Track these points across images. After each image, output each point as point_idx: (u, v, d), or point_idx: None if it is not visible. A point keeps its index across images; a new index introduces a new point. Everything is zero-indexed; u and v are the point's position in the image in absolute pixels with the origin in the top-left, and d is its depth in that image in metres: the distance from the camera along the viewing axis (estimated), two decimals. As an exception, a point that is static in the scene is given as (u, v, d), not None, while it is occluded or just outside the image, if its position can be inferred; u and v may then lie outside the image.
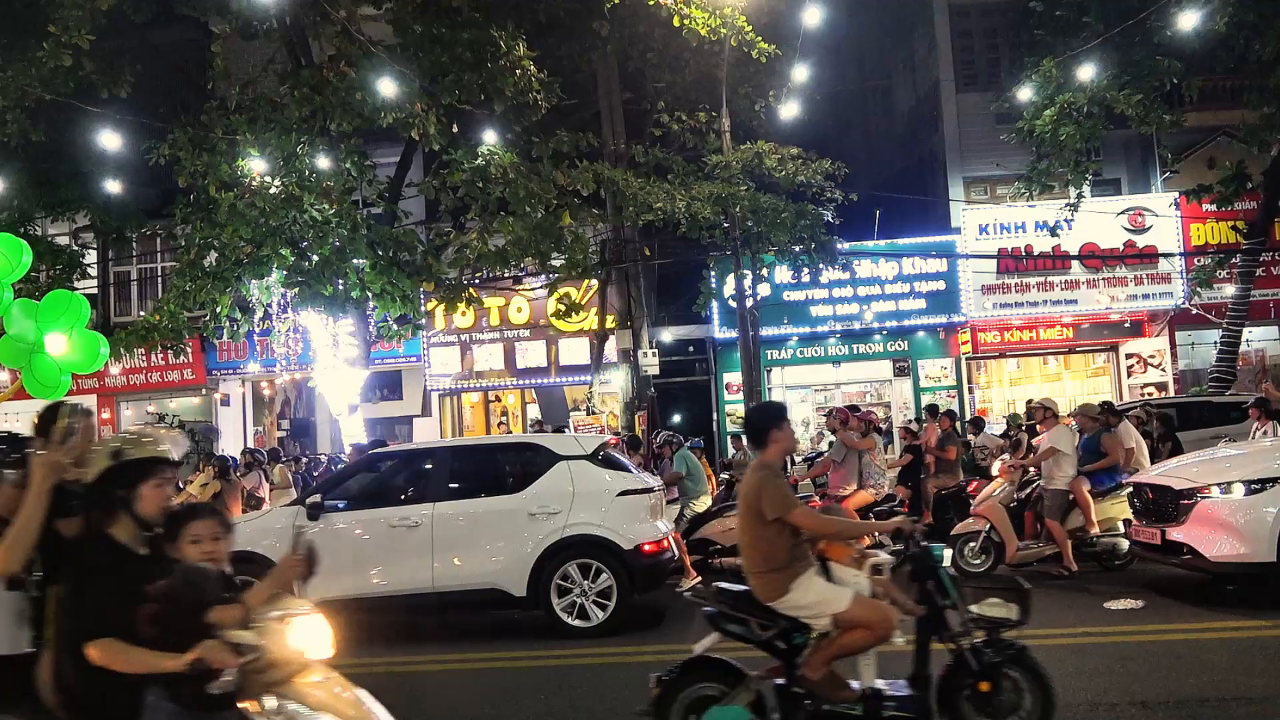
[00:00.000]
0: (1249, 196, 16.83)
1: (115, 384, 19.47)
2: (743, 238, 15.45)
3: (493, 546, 8.27)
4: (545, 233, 12.95)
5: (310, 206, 12.03)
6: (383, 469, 9.49)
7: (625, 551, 8.20)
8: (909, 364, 19.27)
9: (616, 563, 8.20)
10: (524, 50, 12.40)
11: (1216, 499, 7.69)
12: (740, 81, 16.38)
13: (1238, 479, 7.75)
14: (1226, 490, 7.70)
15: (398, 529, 8.32)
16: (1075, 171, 16.21)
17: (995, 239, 18.49)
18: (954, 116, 19.92)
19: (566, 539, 8.24)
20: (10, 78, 11.99)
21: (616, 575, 8.17)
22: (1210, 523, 7.65)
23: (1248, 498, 7.56)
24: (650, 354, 17.15)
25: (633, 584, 8.26)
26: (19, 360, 7.16)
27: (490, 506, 8.46)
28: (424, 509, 8.38)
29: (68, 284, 15.57)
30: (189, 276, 12.77)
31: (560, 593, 8.21)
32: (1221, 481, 7.78)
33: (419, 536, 8.26)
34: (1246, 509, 7.51)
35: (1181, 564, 8.02)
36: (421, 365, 19.35)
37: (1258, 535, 7.37)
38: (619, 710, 5.90)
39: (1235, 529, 7.49)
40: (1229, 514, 7.58)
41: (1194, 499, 7.79)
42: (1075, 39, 15.35)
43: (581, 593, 8.21)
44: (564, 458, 8.59)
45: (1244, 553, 7.45)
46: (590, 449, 8.78)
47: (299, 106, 12.12)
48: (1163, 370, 18.69)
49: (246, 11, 12.70)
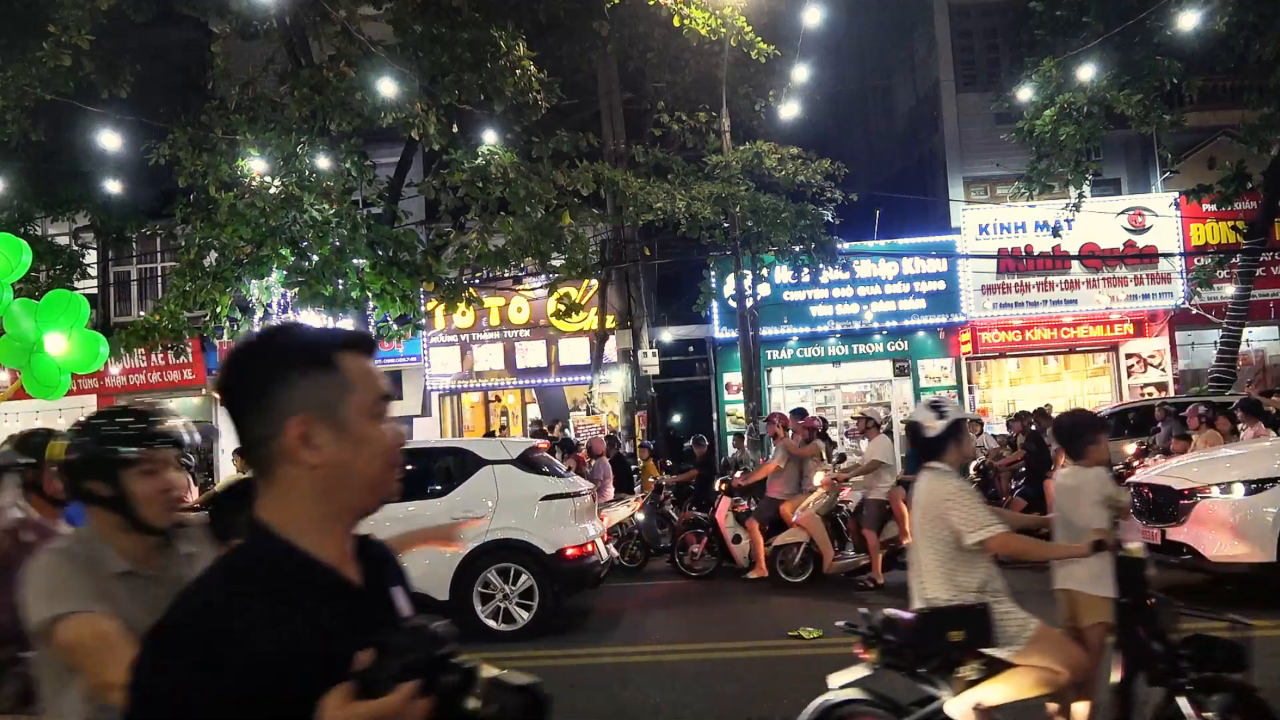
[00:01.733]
0: (1249, 196, 16.84)
1: (115, 384, 19.46)
2: (743, 238, 15.45)
3: (416, 551, 8.27)
4: (545, 233, 12.95)
5: (310, 206, 12.03)
6: None
7: (547, 556, 8.30)
8: (909, 364, 19.27)
9: (539, 567, 8.28)
10: (524, 50, 12.40)
11: (1216, 499, 7.69)
12: (740, 81, 16.38)
13: (1238, 479, 7.75)
14: (1226, 490, 7.70)
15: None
16: (1075, 171, 16.22)
17: (995, 239, 18.50)
18: (954, 116, 19.92)
19: (489, 543, 8.30)
20: (10, 78, 11.99)
21: (539, 579, 8.27)
22: (1210, 523, 7.66)
23: (1248, 498, 7.57)
24: (650, 354, 17.15)
25: (555, 587, 8.36)
26: (19, 360, 7.17)
27: (414, 511, 8.43)
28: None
29: (68, 284, 15.56)
30: (189, 276, 12.77)
31: (484, 599, 8.30)
32: (1222, 481, 7.79)
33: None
34: (1246, 509, 7.52)
35: (1181, 564, 8.03)
36: (421, 365, 19.35)
37: (1258, 535, 7.38)
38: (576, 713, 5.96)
39: (1235, 529, 7.50)
40: (1229, 514, 7.59)
41: (1194, 499, 7.79)
42: (1075, 39, 15.35)
43: (504, 597, 8.28)
44: (489, 462, 8.65)
45: (1244, 553, 7.45)
46: (516, 453, 8.85)
47: (299, 106, 12.12)
48: (1163, 370, 18.69)
49: (246, 11, 12.70)
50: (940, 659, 3.78)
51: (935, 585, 3.92)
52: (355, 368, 1.35)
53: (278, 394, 1.30)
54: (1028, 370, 20.50)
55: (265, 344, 1.37)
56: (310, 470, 1.30)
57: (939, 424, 4.02)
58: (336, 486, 1.31)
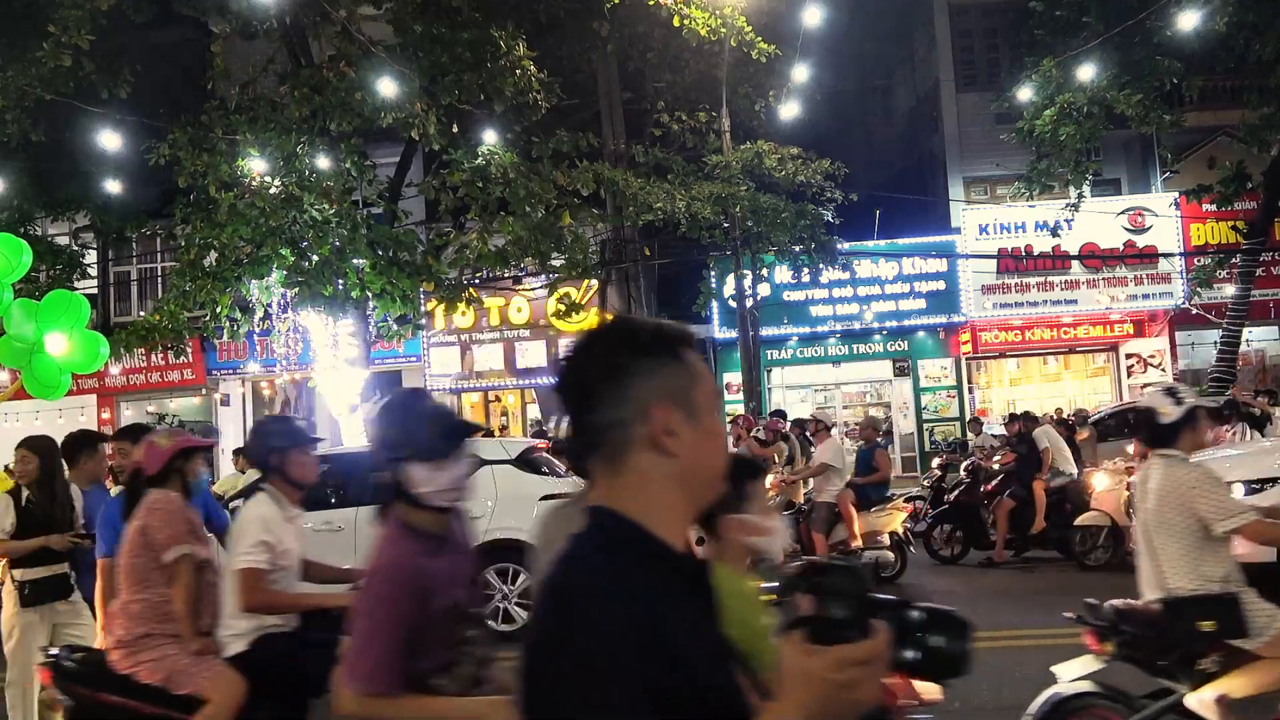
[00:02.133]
0: (1249, 196, 16.83)
1: (115, 384, 19.47)
2: (743, 238, 15.46)
3: None
4: (545, 233, 12.94)
5: (310, 206, 12.02)
6: None
7: None
8: (909, 364, 19.28)
9: None
10: (524, 50, 12.40)
11: None
12: (740, 81, 16.38)
13: (1238, 479, 7.76)
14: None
15: (320, 533, 8.26)
16: (1075, 171, 16.22)
17: (995, 239, 18.50)
18: (954, 116, 19.93)
19: (488, 543, 8.23)
20: (10, 78, 11.98)
21: None
22: None
23: (1248, 498, 7.57)
24: (650, 354, 17.14)
25: None
26: (19, 360, 7.17)
27: None
28: (347, 513, 8.38)
29: (68, 284, 15.56)
30: (189, 276, 12.76)
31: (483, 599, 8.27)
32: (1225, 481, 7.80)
33: (342, 541, 8.23)
34: None
35: None
36: (421, 365, 19.36)
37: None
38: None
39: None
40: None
41: None
42: (1075, 39, 15.34)
43: (504, 597, 8.27)
44: (488, 462, 8.58)
45: (1243, 553, 7.44)
46: (515, 453, 8.82)
47: (299, 106, 12.11)
48: (1163, 370, 18.69)
49: (246, 11, 12.69)
50: (1183, 651, 3.69)
51: (1178, 576, 3.79)
52: (694, 361, 1.35)
53: (638, 380, 1.28)
54: (1028, 370, 20.50)
55: (621, 331, 1.38)
56: (668, 459, 1.28)
57: (1176, 410, 3.90)
58: (689, 477, 1.30)
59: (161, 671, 3.62)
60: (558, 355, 11.22)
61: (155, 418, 20.61)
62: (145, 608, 3.69)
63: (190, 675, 3.59)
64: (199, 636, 3.69)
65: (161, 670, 3.62)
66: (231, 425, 20.16)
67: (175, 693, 3.58)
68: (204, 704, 3.53)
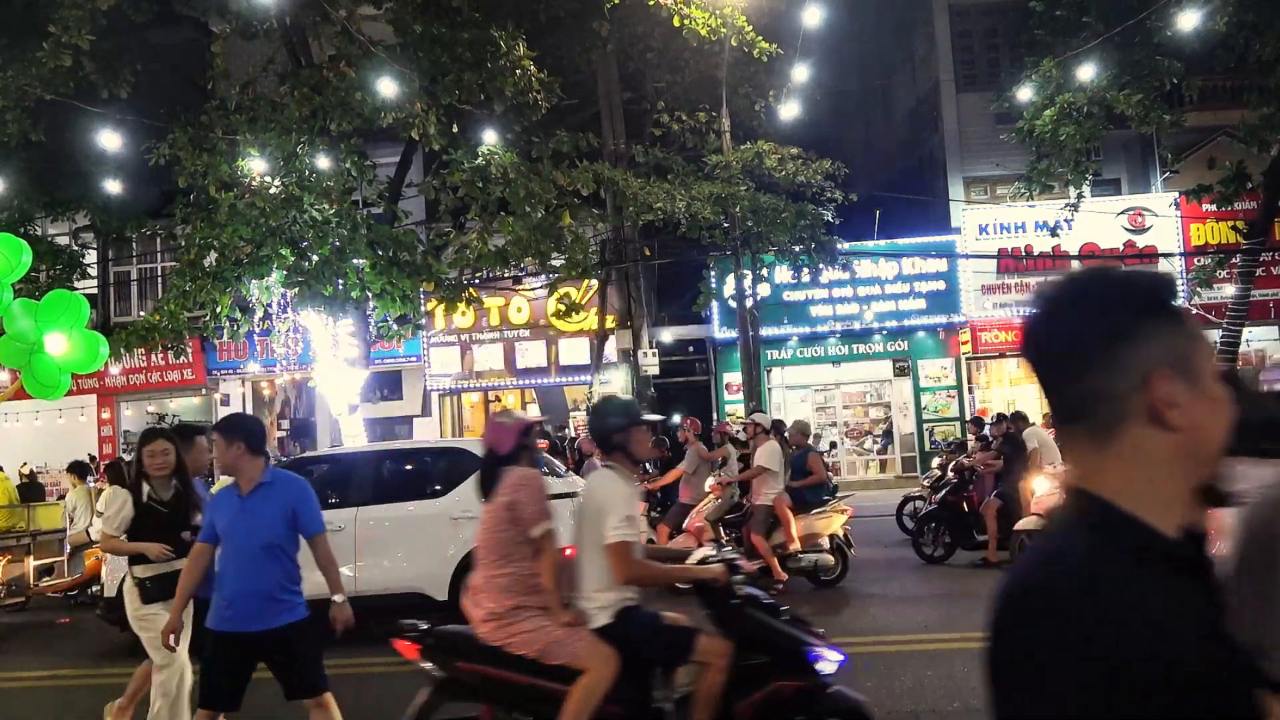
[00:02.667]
0: (1249, 196, 16.83)
1: (115, 384, 19.48)
2: (743, 238, 15.46)
3: (415, 550, 8.29)
4: (545, 233, 12.94)
5: (310, 206, 12.02)
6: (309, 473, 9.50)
7: None
8: (909, 364, 19.28)
9: None
10: (524, 50, 12.40)
11: None
12: (740, 81, 16.39)
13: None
14: None
15: None
16: (1075, 171, 16.21)
17: (995, 239, 18.51)
18: (954, 116, 19.93)
19: None
20: (10, 78, 11.98)
21: None
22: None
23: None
24: (650, 354, 17.17)
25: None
26: (19, 360, 7.18)
27: (413, 511, 8.45)
28: (347, 513, 8.40)
29: (68, 284, 15.56)
30: (189, 276, 12.76)
31: None
32: None
33: (342, 540, 8.22)
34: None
35: None
36: (421, 365, 19.36)
37: None
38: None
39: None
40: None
41: None
42: (1075, 39, 15.34)
43: None
44: None
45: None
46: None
47: (299, 106, 12.11)
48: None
49: (246, 12, 12.69)
50: None
51: None
52: (1190, 318, 1.19)
53: (1139, 344, 1.13)
54: (1028, 370, 20.49)
55: (1115, 284, 1.19)
56: (1168, 434, 1.12)
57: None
58: (1188, 454, 1.14)
59: (536, 643, 3.71)
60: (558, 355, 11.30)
61: (155, 417, 20.63)
62: (512, 581, 3.79)
63: (565, 646, 3.70)
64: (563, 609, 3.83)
65: (536, 642, 3.71)
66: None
67: (547, 663, 3.67)
68: (575, 674, 3.62)
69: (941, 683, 5.84)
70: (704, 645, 3.72)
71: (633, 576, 3.77)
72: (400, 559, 8.35)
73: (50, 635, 10.19)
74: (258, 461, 4.44)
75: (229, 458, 4.41)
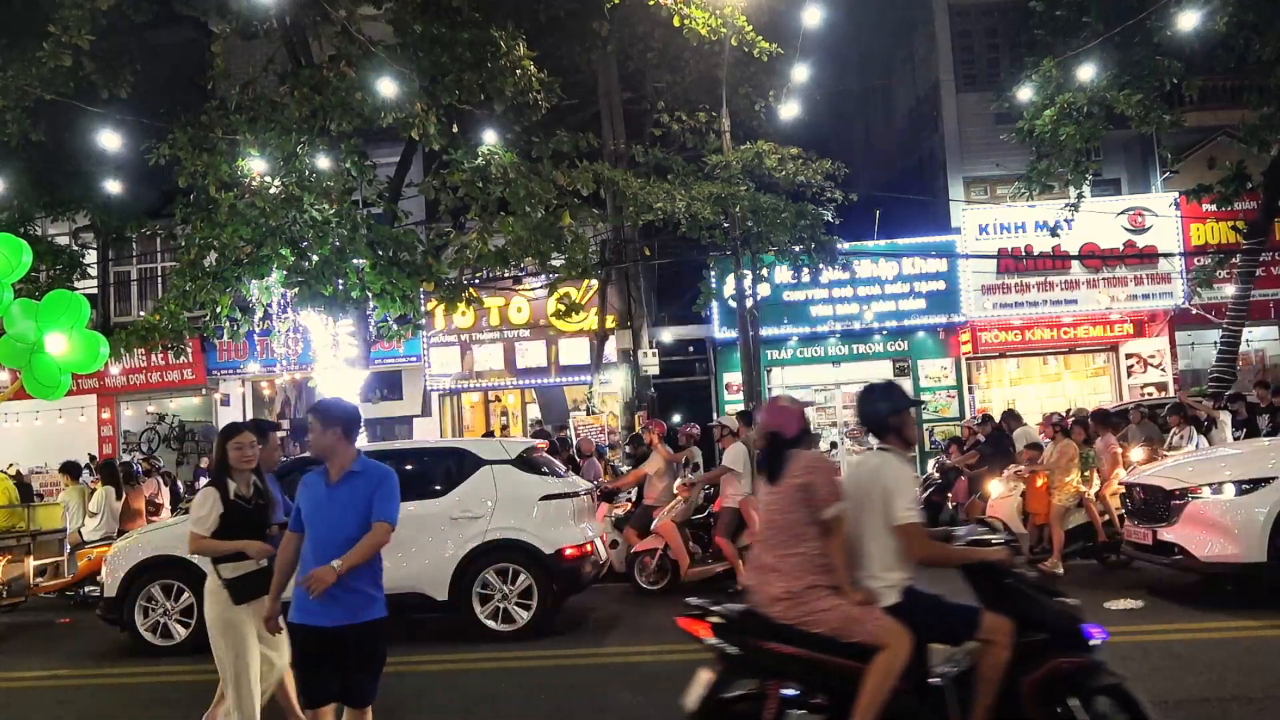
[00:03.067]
0: (1249, 196, 16.83)
1: (115, 384, 19.47)
2: (743, 238, 15.45)
3: (415, 550, 8.24)
4: (545, 233, 12.94)
5: (310, 206, 12.02)
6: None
7: (546, 556, 8.27)
8: (909, 364, 19.27)
9: (538, 567, 8.25)
10: (524, 50, 12.40)
11: (1208, 499, 7.71)
12: (740, 81, 16.38)
13: (1229, 479, 7.76)
14: (1218, 490, 7.71)
15: None
16: (1075, 171, 16.21)
17: (995, 239, 18.50)
18: (954, 116, 19.93)
19: (488, 543, 8.28)
20: (10, 78, 11.99)
21: (537, 579, 8.24)
22: (1201, 523, 7.67)
23: (1239, 498, 7.57)
24: (650, 354, 17.16)
25: (554, 588, 8.34)
26: (19, 360, 7.18)
27: (413, 511, 8.38)
28: None
29: (68, 284, 15.56)
30: (189, 276, 12.76)
31: (482, 599, 8.27)
32: (1213, 482, 7.80)
33: None
34: (1238, 509, 7.53)
35: (1172, 564, 8.05)
36: (421, 365, 19.35)
37: (1249, 535, 7.38)
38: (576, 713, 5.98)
39: (1226, 529, 7.51)
40: (1220, 514, 7.60)
41: (1185, 499, 7.81)
42: (1075, 39, 15.34)
43: (503, 597, 8.25)
44: (488, 462, 8.62)
45: (1235, 553, 7.47)
46: (514, 453, 8.83)
47: (299, 106, 12.11)
48: (1163, 370, 18.70)
49: (246, 11, 12.69)
50: None
51: None
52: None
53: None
54: (1028, 370, 20.50)
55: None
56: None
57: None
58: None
59: (832, 621, 3.77)
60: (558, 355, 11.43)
61: (155, 417, 20.63)
62: (802, 561, 3.84)
63: (861, 624, 3.75)
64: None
65: (832, 620, 3.77)
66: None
67: (844, 641, 3.74)
68: (869, 652, 3.69)
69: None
70: (989, 623, 3.80)
71: (925, 556, 3.92)
72: (400, 559, 8.34)
73: (50, 635, 10.20)
74: (350, 450, 4.35)
75: (325, 442, 4.30)
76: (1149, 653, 6.43)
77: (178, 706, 6.64)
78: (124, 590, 8.39)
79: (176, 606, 8.34)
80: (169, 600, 8.36)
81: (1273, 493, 7.46)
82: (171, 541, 8.25)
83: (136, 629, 8.36)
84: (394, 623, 4.54)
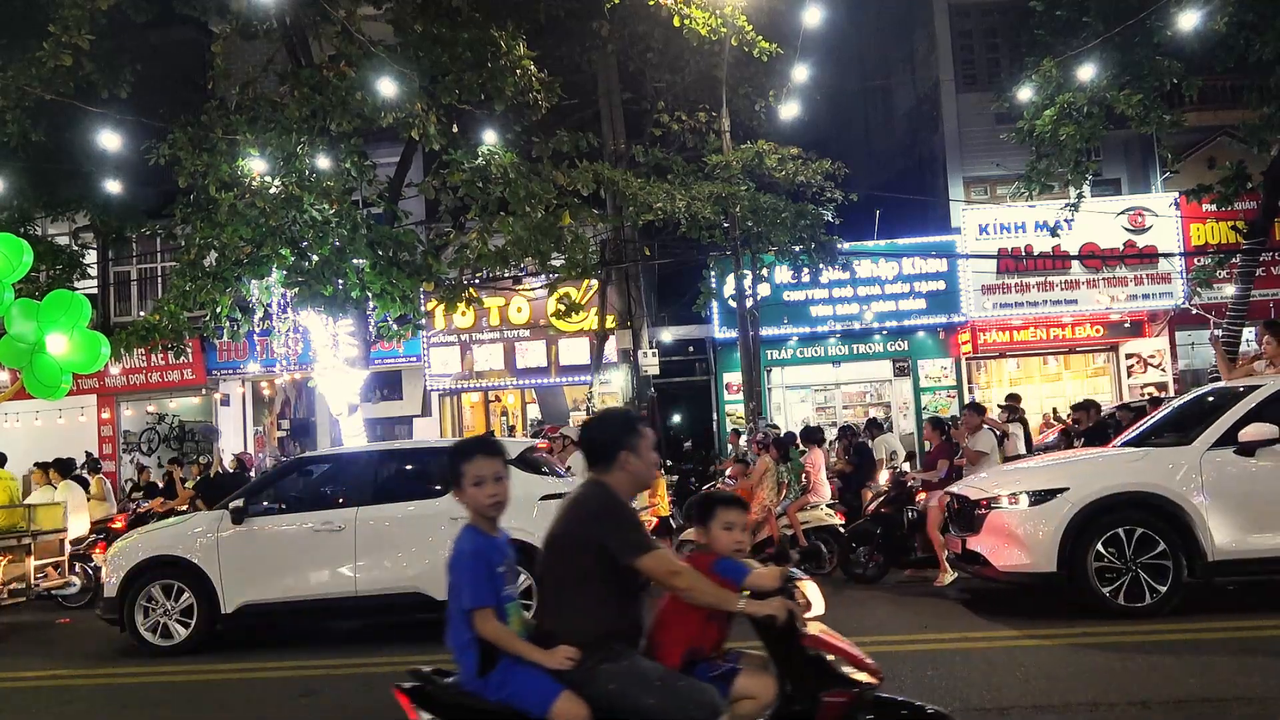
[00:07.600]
0: (1249, 196, 16.82)
1: (115, 384, 19.47)
2: (743, 238, 15.46)
3: (415, 550, 8.25)
4: (545, 233, 12.94)
5: (310, 206, 12.02)
6: (309, 473, 9.49)
7: None
8: (909, 364, 19.28)
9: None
10: (524, 50, 12.40)
11: (1006, 509, 7.78)
12: (740, 81, 16.39)
13: (1024, 490, 7.81)
14: (1014, 501, 7.78)
15: (320, 533, 8.32)
16: (1075, 171, 16.19)
17: (995, 239, 18.51)
18: (954, 116, 19.93)
19: None
20: (10, 78, 11.98)
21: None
22: (1000, 533, 7.76)
23: (1032, 508, 7.64)
24: (650, 354, 17.16)
25: None
26: (20, 360, 7.18)
27: (413, 510, 8.41)
28: (347, 513, 8.39)
29: (68, 284, 15.57)
30: (189, 276, 12.76)
31: None
32: (1010, 492, 7.86)
33: (342, 540, 8.26)
34: (1031, 519, 7.59)
35: (974, 573, 8.21)
36: (421, 365, 19.36)
37: (1041, 545, 7.45)
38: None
39: (1021, 539, 7.60)
40: (1016, 524, 7.67)
41: (988, 509, 7.89)
42: (1075, 39, 15.33)
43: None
44: None
45: (1028, 563, 7.59)
46: (514, 453, 8.82)
47: (299, 106, 12.11)
48: (1163, 370, 18.70)
49: (246, 12, 12.69)
50: None
51: None
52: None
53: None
54: (1028, 370, 20.51)
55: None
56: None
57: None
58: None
59: None
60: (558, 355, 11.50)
61: (155, 417, 20.64)
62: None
63: None
64: None
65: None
66: (231, 425, 20.16)
67: None
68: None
69: (942, 682, 5.84)
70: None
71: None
72: (400, 559, 8.35)
73: (50, 635, 10.20)
74: None
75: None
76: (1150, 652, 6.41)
77: (178, 707, 6.63)
78: (124, 590, 8.39)
79: (176, 606, 8.34)
80: (169, 600, 8.36)
81: (1063, 504, 7.49)
82: (171, 541, 8.23)
83: (136, 629, 8.36)
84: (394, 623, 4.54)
